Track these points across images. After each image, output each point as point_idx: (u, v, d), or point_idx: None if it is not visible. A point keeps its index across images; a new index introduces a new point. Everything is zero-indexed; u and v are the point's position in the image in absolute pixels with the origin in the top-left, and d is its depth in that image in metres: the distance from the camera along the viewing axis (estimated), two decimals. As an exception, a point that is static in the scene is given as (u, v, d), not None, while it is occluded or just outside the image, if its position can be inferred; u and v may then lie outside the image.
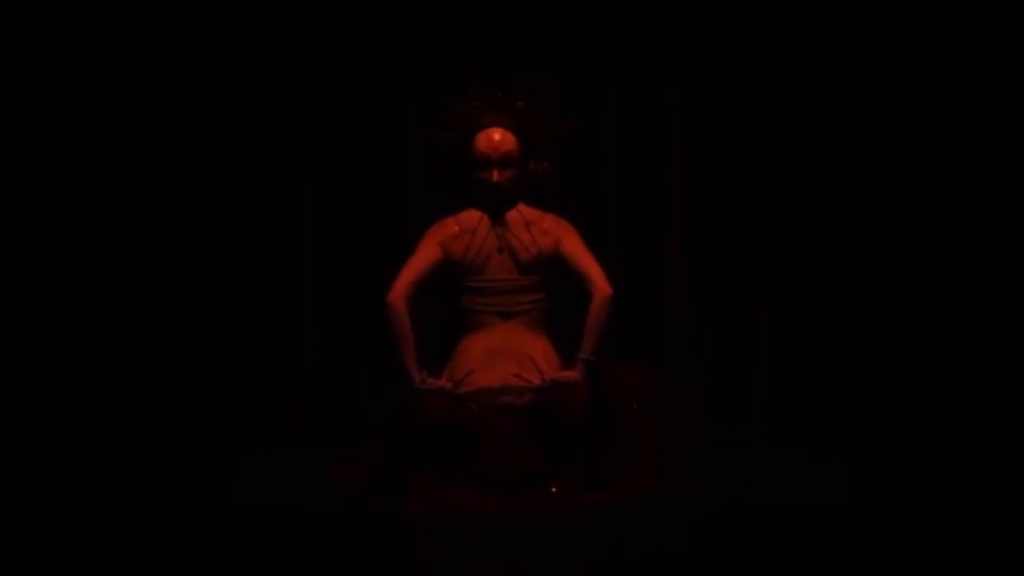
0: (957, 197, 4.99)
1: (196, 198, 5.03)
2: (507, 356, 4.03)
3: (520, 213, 4.12)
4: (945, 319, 4.96)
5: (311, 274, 5.07)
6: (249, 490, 4.19)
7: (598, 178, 5.07)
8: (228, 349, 4.99)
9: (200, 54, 4.99)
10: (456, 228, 4.13)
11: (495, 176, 4.08)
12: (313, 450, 4.66)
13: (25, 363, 4.90)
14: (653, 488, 3.94)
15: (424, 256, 4.13)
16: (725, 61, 5.03)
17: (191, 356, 4.98)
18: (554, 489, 3.86)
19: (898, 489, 4.07)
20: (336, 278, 5.05)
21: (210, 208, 5.03)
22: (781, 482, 4.19)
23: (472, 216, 4.13)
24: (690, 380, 5.02)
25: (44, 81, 4.96)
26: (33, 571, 3.38)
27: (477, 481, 3.87)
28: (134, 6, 4.97)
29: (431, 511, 3.78)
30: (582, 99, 4.71)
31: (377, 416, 4.14)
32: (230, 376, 4.98)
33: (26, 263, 4.95)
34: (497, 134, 4.09)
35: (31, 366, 4.90)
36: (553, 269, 4.13)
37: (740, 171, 5.07)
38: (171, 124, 5.02)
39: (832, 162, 5.02)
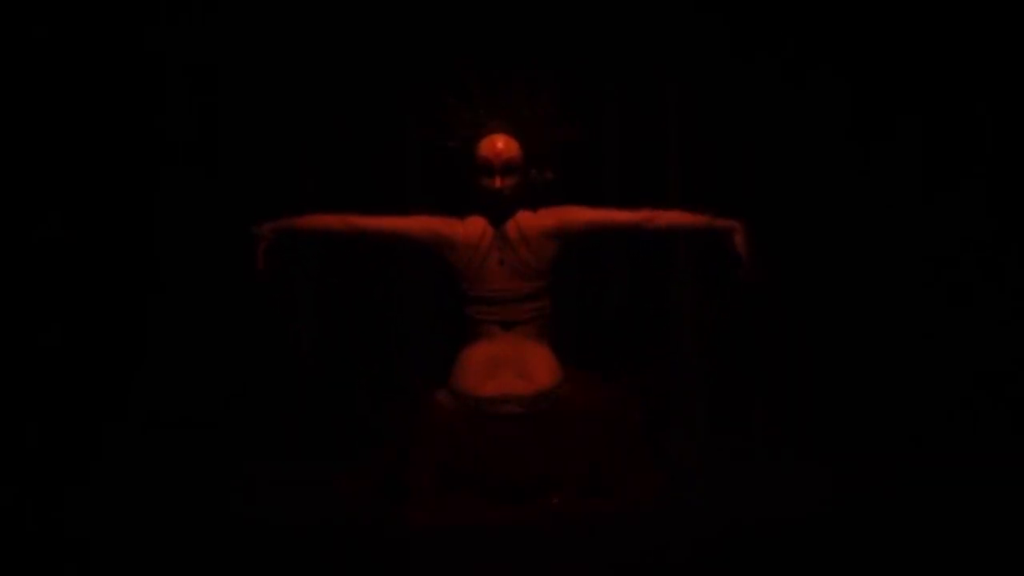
0: (956, 203, 5.00)
1: (196, 199, 5.02)
2: (507, 365, 4.04)
3: (519, 225, 4.12)
4: (946, 328, 4.97)
5: (311, 280, 5.06)
6: (248, 498, 4.19)
7: (598, 179, 5.07)
8: (228, 354, 4.99)
9: (200, 53, 4.97)
10: (460, 232, 4.13)
11: (498, 183, 4.08)
12: (314, 458, 4.67)
13: (23, 365, 4.90)
14: (655, 499, 3.96)
15: (405, 223, 4.15)
16: (726, 62, 5.02)
17: (190, 362, 4.98)
18: (555, 499, 3.88)
19: (900, 500, 4.08)
20: (335, 284, 5.05)
21: (210, 212, 5.04)
22: (782, 492, 4.20)
23: (476, 225, 4.13)
24: (691, 388, 5.03)
25: (44, 81, 4.94)
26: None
27: (479, 491, 3.89)
28: (134, 6, 4.96)
29: (433, 520, 3.79)
30: (582, 100, 4.71)
31: (379, 425, 4.15)
32: (230, 382, 4.98)
33: (26, 263, 4.95)
34: (500, 141, 4.09)
35: (29, 368, 4.90)
36: (561, 267, 4.13)
37: (741, 174, 5.07)
38: (171, 124, 5.01)
39: (833, 167, 5.03)
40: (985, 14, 4.97)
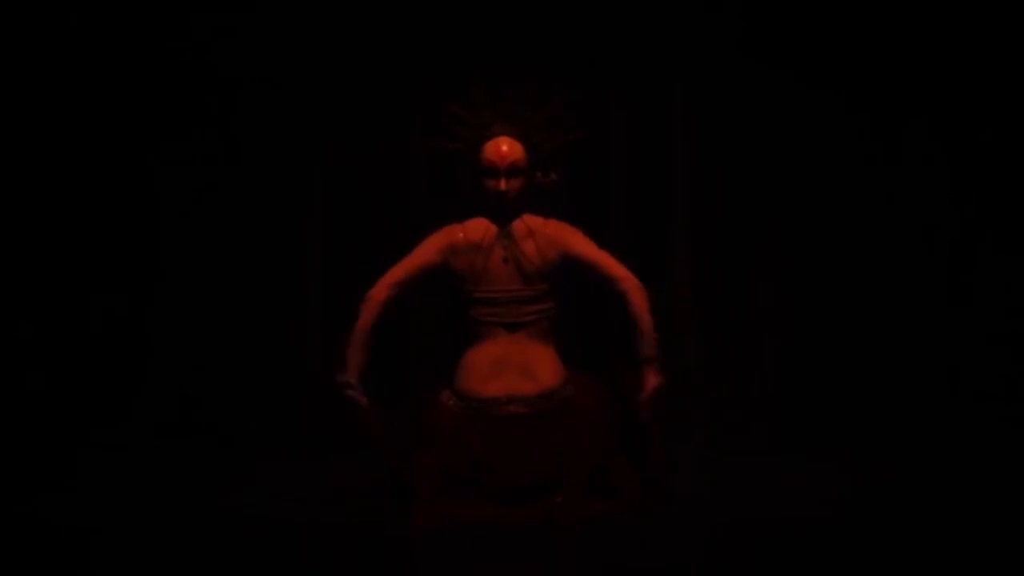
0: (957, 206, 5.01)
1: (201, 203, 5.04)
2: (511, 366, 4.04)
3: (525, 224, 4.13)
4: (948, 330, 4.98)
5: (317, 281, 5.08)
6: (252, 499, 4.18)
7: (606, 186, 5.09)
8: (232, 357, 5.01)
9: (205, 57, 4.99)
10: (461, 236, 4.13)
11: (502, 185, 4.09)
12: (317, 460, 4.67)
13: (25, 369, 4.92)
14: (659, 499, 3.97)
15: (418, 259, 4.14)
16: (730, 66, 5.04)
17: (195, 364, 4.99)
18: (559, 499, 3.88)
19: (903, 498, 4.09)
20: (340, 285, 5.06)
21: (215, 214, 5.05)
22: (786, 492, 4.20)
23: (478, 226, 4.13)
24: (695, 389, 5.04)
25: (45, 81, 4.97)
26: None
27: (482, 491, 3.89)
28: (137, 9, 4.97)
29: (436, 521, 3.79)
30: (587, 102, 4.71)
31: (382, 426, 4.16)
32: (234, 384, 4.99)
33: (27, 266, 4.96)
34: (505, 144, 4.10)
35: (31, 372, 4.91)
36: (562, 277, 4.14)
37: (746, 181, 5.09)
38: (177, 130, 5.03)
39: (838, 170, 5.04)
40: (988, 17, 4.97)
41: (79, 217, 5.00)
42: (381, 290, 4.10)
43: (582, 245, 4.13)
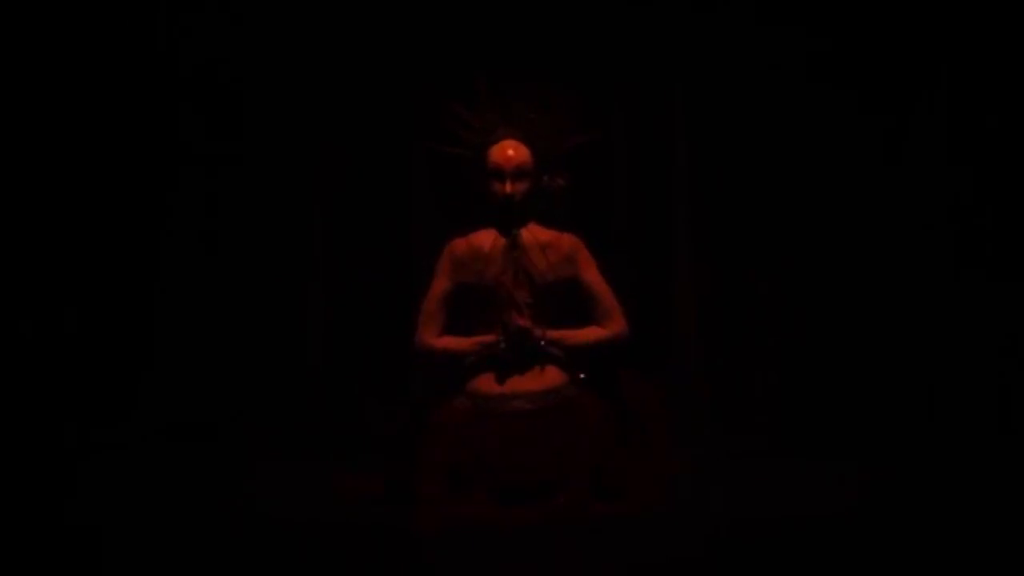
0: (961, 206, 5.01)
1: (203, 207, 5.04)
2: (514, 368, 4.04)
3: (534, 235, 4.12)
4: (949, 330, 4.98)
5: (319, 283, 5.08)
6: (254, 501, 4.18)
7: (607, 187, 5.09)
8: (234, 359, 5.01)
9: (208, 59, 5.00)
10: (466, 250, 4.13)
11: (508, 188, 4.08)
12: (319, 461, 4.67)
13: (28, 371, 4.91)
14: (662, 499, 3.96)
15: (436, 294, 4.14)
16: (732, 69, 5.05)
17: (196, 366, 4.99)
18: (562, 500, 3.88)
19: (903, 499, 4.09)
20: (343, 287, 5.07)
21: (215, 214, 5.05)
22: (789, 493, 4.19)
23: (485, 237, 4.13)
24: (698, 390, 5.04)
25: (46, 83, 4.97)
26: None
27: (485, 490, 3.88)
28: (139, 18, 4.98)
29: (440, 522, 3.79)
30: (593, 107, 4.71)
31: (385, 427, 4.16)
32: (236, 386, 4.99)
33: (28, 269, 4.96)
34: (511, 147, 4.10)
35: (34, 374, 4.91)
36: (565, 291, 4.14)
37: (747, 182, 5.09)
38: (179, 132, 5.03)
39: (838, 175, 5.04)
40: (995, 18, 4.97)
41: (79, 217, 5.00)
42: (423, 339, 4.10)
43: (593, 275, 4.14)
